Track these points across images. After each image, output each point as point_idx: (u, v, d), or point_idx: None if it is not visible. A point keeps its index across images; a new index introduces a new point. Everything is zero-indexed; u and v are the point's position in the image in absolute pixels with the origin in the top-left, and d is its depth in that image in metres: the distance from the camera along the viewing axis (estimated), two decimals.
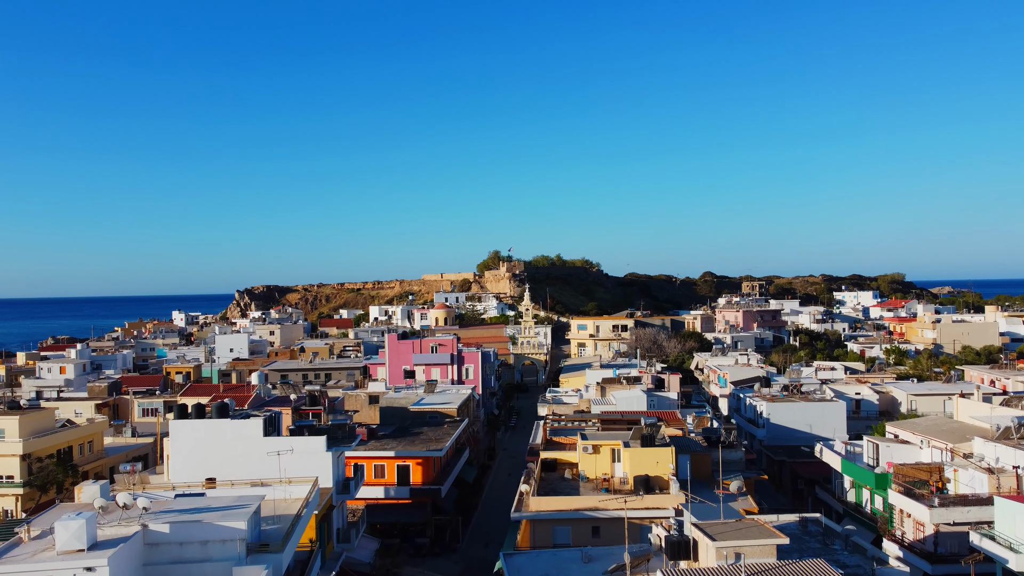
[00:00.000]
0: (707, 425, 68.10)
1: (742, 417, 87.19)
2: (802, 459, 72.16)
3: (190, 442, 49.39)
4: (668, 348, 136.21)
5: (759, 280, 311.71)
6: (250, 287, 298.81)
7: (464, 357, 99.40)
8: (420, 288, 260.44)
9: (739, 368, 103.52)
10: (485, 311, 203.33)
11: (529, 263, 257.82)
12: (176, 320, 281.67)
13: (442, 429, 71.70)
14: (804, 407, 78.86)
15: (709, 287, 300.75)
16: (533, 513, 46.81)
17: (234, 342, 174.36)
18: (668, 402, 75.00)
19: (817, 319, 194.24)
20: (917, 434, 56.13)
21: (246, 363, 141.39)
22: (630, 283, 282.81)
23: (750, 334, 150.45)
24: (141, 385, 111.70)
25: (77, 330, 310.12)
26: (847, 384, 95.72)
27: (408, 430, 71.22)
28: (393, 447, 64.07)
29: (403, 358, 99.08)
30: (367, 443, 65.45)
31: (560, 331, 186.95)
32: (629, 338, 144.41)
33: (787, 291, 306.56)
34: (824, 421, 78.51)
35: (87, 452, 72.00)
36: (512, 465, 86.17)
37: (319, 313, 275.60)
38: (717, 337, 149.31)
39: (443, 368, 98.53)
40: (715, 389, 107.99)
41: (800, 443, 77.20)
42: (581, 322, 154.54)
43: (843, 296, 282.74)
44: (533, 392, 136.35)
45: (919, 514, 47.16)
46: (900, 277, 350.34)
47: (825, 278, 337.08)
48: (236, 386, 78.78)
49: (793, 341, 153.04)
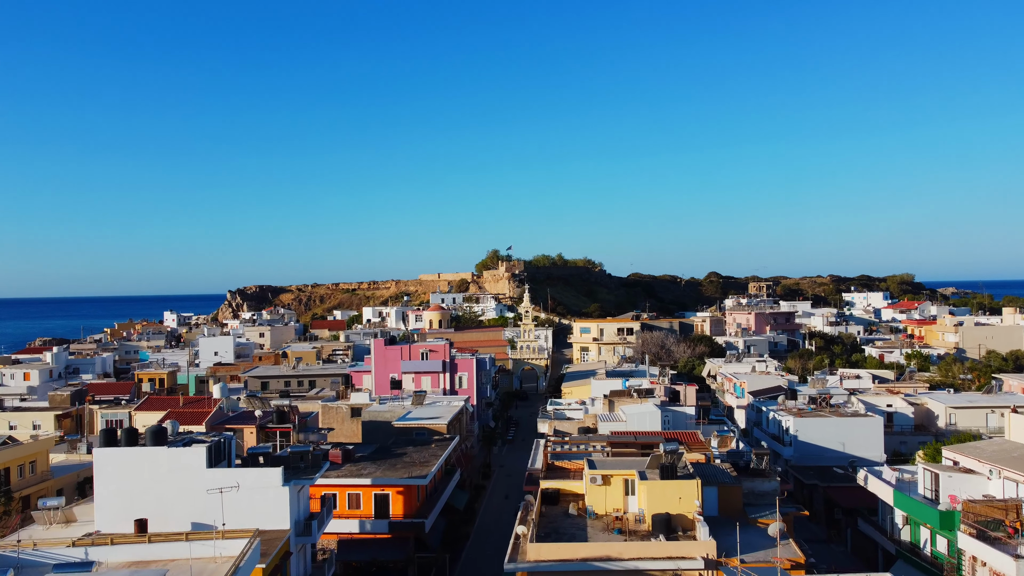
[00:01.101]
0: (731, 446, 59.68)
1: (764, 432, 78.78)
2: (837, 483, 63.81)
3: (119, 475, 41.13)
4: (677, 353, 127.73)
5: (766, 281, 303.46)
6: (242, 287, 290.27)
7: (457, 365, 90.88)
8: (416, 289, 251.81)
9: (757, 377, 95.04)
10: (483, 313, 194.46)
11: (529, 263, 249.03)
12: (168, 321, 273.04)
13: (429, 449, 63.32)
14: (836, 423, 70.49)
15: (715, 288, 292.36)
16: (531, 565, 38.42)
17: (218, 345, 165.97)
18: (685, 418, 66.54)
19: (831, 322, 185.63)
20: (984, 462, 47.65)
21: (228, 368, 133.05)
22: (634, 284, 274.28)
23: (763, 338, 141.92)
24: (109, 393, 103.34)
25: (70, 331, 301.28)
26: (877, 395, 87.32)
27: (390, 450, 62.85)
28: (371, 472, 55.68)
29: (390, 366, 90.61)
30: (341, 467, 57.10)
31: (561, 334, 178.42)
32: (635, 342, 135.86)
33: (795, 292, 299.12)
34: (858, 438, 70.29)
35: (28, 474, 63.69)
36: (509, 485, 77.81)
37: (312, 314, 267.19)
38: (728, 341, 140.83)
39: (434, 377, 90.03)
40: (731, 399, 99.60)
41: (831, 463, 68.94)
42: (584, 325, 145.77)
43: (852, 297, 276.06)
44: (533, 400, 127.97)
45: (999, 563, 38.91)
46: (909, 278, 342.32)
47: (833, 279, 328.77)
48: (197, 399, 70.29)
49: (809, 345, 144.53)
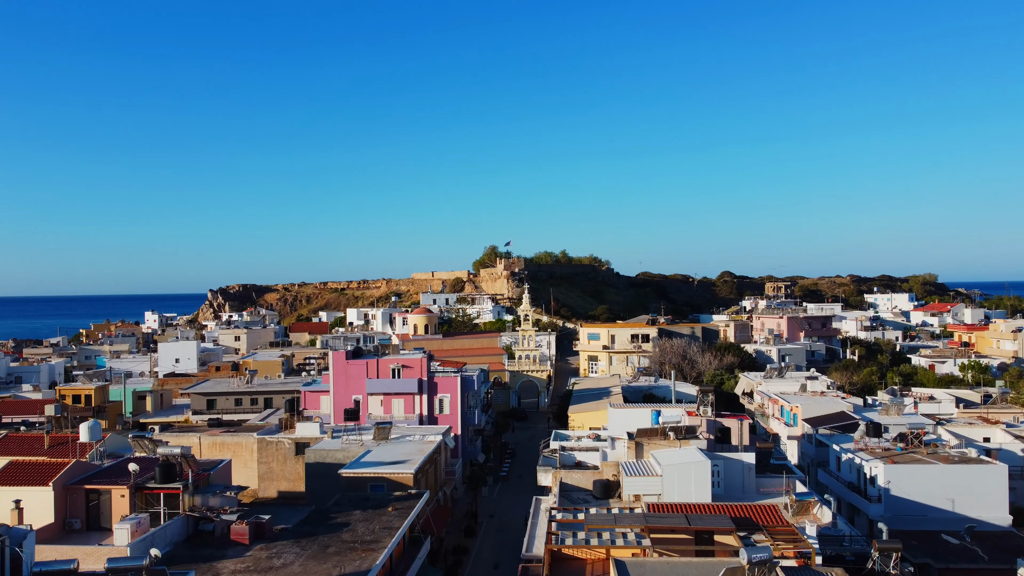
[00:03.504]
0: (819, 519, 40.96)
1: (834, 478, 60.14)
2: (959, 565, 45.20)
3: None
4: (701, 364, 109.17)
5: (783, 281, 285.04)
6: (225, 286, 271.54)
7: (437, 384, 72.17)
8: (408, 288, 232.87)
9: (813, 400, 76.26)
10: (478, 315, 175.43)
11: (530, 260, 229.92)
12: (149, 322, 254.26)
13: (384, 516, 44.77)
14: (945, 472, 51.90)
15: (729, 288, 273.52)
16: None
17: (180, 351, 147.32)
18: (742, 471, 47.74)
19: (864, 326, 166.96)
20: None
21: (179, 380, 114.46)
22: (643, 284, 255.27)
23: (799, 346, 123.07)
24: (18, 413, 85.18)
25: (47, 331, 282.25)
26: (970, 425, 68.78)
27: (328, 518, 44.32)
28: (287, 564, 37.14)
29: (352, 385, 72.01)
30: (249, 550, 38.70)
31: (566, 339, 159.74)
32: (652, 351, 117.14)
33: (813, 293, 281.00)
34: (975, 493, 51.77)
35: None
36: (500, 546, 59.20)
37: (298, 315, 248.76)
38: (759, 350, 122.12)
39: (407, 400, 71.35)
40: (776, 426, 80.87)
41: (939, 526, 50.37)
42: (592, 330, 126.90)
43: (875, 299, 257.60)
44: (533, 420, 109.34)
45: None
46: (932, 278, 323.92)
47: (853, 279, 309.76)
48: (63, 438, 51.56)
49: (851, 355, 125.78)
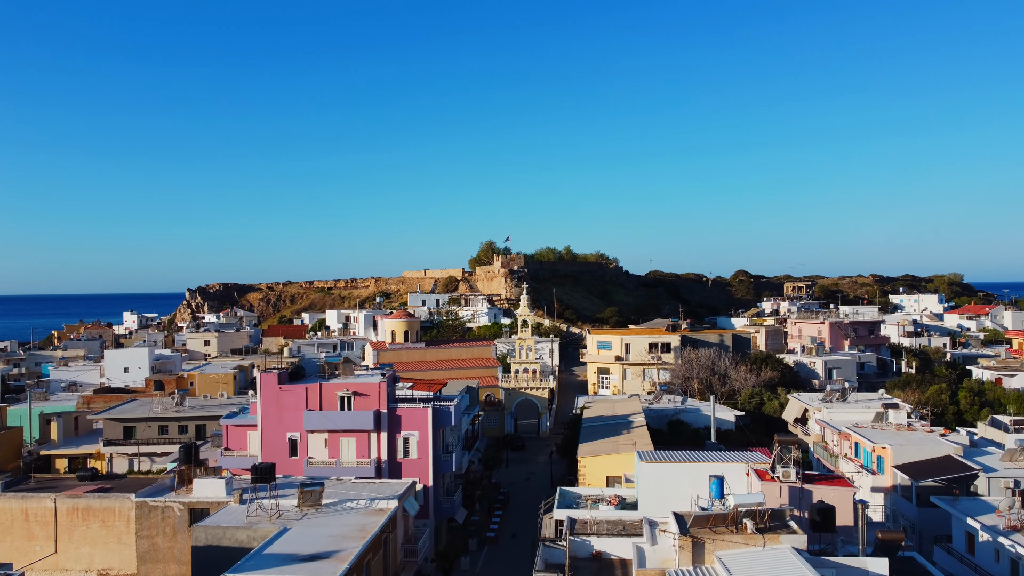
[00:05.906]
0: None
1: (961, 561, 41.49)
2: None
3: None
4: (735, 380, 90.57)
5: (802, 280, 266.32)
6: (204, 285, 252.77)
7: (401, 418, 53.57)
8: (399, 287, 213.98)
9: (904, 438, 57.26)
10: (472, 318, 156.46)
11: (531, 257, 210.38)
12: (127, 322, 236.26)
13: None
14: None
15: (746, 288, 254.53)
16: None
17: (130, 359, 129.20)
18: None
19: (907, 332, 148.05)
20: None
21: (109, 397, 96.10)
22: (655, 283, 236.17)
23: (847, 357, 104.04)
24: None
25: (19, 332, 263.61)
26: None
27: None
28: None
29: (286, 418, 53.44)
30: None
31: (571, 346, 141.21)
32: (675, 363, 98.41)
33: (834, 293, 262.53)
34: None
35: None
36: None
37: (280, 316, 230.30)
38: (799, 361, 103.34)
39: (360, 439, 52.71)
40: (848, 468, 61.87)
41: None
42: (603, 338, 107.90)
43: (901, 300, 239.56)
44: (532, 450, 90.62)
45: None
46: (958, 278, 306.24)
47: (876, 278, 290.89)
48: None
49: (907, 367, 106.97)
